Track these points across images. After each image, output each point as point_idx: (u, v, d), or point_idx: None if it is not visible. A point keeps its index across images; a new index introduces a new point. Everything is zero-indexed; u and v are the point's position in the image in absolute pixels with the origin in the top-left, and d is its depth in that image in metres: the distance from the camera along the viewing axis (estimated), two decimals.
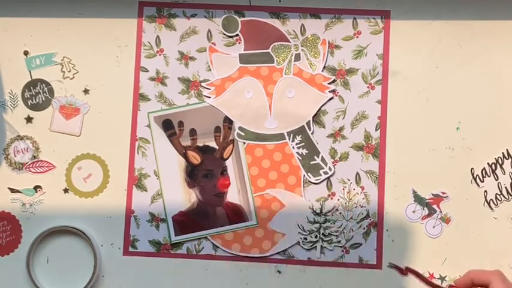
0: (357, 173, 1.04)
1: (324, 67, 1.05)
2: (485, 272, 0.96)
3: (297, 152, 1.04)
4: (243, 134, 1.05)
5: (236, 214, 1.03)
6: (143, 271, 1.04)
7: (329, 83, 1.05)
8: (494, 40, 1.05)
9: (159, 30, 1.07)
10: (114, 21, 1.07)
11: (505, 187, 1.02)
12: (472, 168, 1.03)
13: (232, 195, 1.04)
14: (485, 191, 1.03)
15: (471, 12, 1.05)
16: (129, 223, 1.04)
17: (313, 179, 1.04)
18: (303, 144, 1.04)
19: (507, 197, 1.02)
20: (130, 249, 1.04)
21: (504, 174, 1.03)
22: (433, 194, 1.03)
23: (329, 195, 1.04)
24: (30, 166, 1.06)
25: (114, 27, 1.07)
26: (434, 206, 1.02)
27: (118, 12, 1.07)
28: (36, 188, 1.05)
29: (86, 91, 1.07)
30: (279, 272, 1.03)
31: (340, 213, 1.03)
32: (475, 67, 1.04)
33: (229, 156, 1.05)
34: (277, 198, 1.04)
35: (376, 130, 1.04)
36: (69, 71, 1.07)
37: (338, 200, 1.03)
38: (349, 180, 1.04)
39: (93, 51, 1.07)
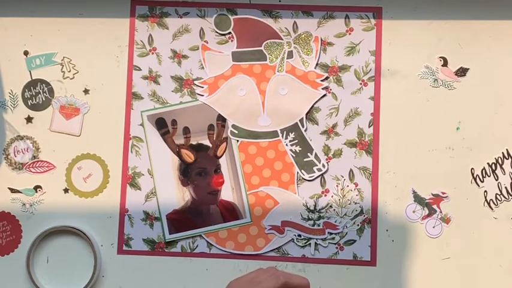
0: (351, 170, 1.04)
1: (317, 64, 1.05)
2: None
3: (290, 150, 1.04)
4: (236, 131, 1.05)
5: (230, 212, 1.02)
6: (142, 270, 1.04)
7: (322, 80, 1.05)
8: (494, 40, 1.04)
9: (152, 29, 1.07)
10: (114, 21, 1.07)
11: (505, 187, 1.02)
12: (472, 168, 1.03)
13: (226, 193, 1.04)
14: (485, 191, 1.02)
15: (471, 12, 1.05)
16: (123, 222, 1.04)
17: (306, 176, 1.03)
18: (296, 141, 1.04)
19: (507, 197, 1.02)
20: (125, 247, 1.04)
21: (504, 174, 1.02)
22: (433, 194, 1.03)
23: (323, 192, 1.03)
24: (30, 166, 1.06)
25: (114, 27, 1.07)
26: (434, 206, 1.02)
27: (118, 12, 1.07)
28: (36, 188, 1.06)
29: (86, 91, 1.07)
30: None
31: (334, 210, 1.03)
32: (475, 67, 1.04)
33: (222, 154, 1.05)
34: (271, 195, 1.04)
35: (369, 127, 1.04)
36: (69, 71, 1.07)
37: (332, 196, 1.03)
38: (342, 177, 1.04)
39: (93, 51, 1.07)
